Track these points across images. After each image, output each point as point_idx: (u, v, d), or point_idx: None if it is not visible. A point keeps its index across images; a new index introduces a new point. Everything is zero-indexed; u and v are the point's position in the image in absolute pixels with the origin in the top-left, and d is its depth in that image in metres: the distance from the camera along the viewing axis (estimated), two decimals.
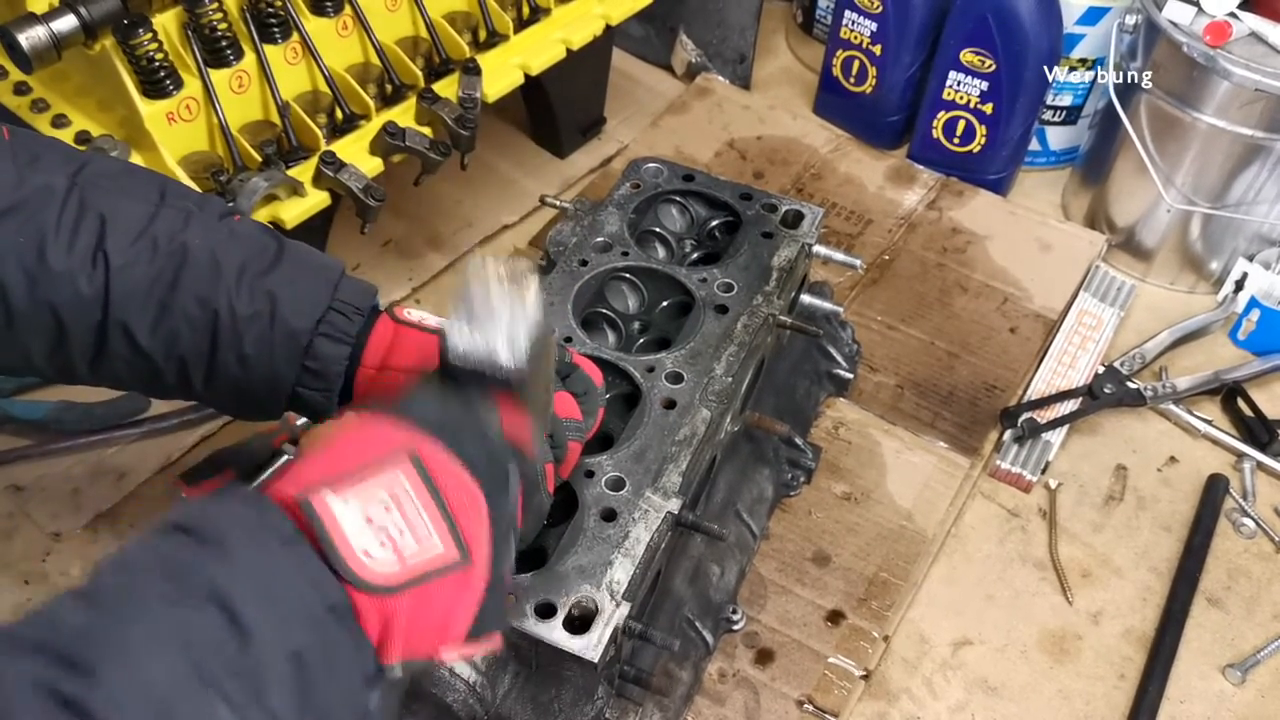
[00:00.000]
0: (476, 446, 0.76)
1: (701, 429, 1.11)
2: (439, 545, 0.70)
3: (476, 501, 0.73)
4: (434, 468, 0.71)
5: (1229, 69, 1.48)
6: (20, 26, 1.17)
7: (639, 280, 1.30)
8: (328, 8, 1.39)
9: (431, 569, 0.69)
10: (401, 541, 0.69)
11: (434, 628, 0.71)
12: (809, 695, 1.23)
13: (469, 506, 0.72)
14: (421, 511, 0.70)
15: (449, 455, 0.73)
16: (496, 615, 0.76)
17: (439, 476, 0.71)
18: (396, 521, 0.69)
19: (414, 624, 0.69)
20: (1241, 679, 1.29)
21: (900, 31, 1.77)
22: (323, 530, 0.66)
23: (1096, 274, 1.71)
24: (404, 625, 0.68)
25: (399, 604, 0.68)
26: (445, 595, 0.71)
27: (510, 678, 1.01)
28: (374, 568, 0.67)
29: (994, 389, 1.54)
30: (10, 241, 0.85)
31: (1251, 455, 1.49)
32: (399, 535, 0.69)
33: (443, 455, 0.72)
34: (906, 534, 1.38)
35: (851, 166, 1.86)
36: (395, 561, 0.68)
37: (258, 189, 1.26)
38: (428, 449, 0.72)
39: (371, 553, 0.67)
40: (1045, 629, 1.33)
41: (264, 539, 0.66)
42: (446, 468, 0.72)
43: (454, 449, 0.73)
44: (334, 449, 0.72)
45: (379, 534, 0.68)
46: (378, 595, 0.67)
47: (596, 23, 1.62)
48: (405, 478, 0.70)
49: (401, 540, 0.69)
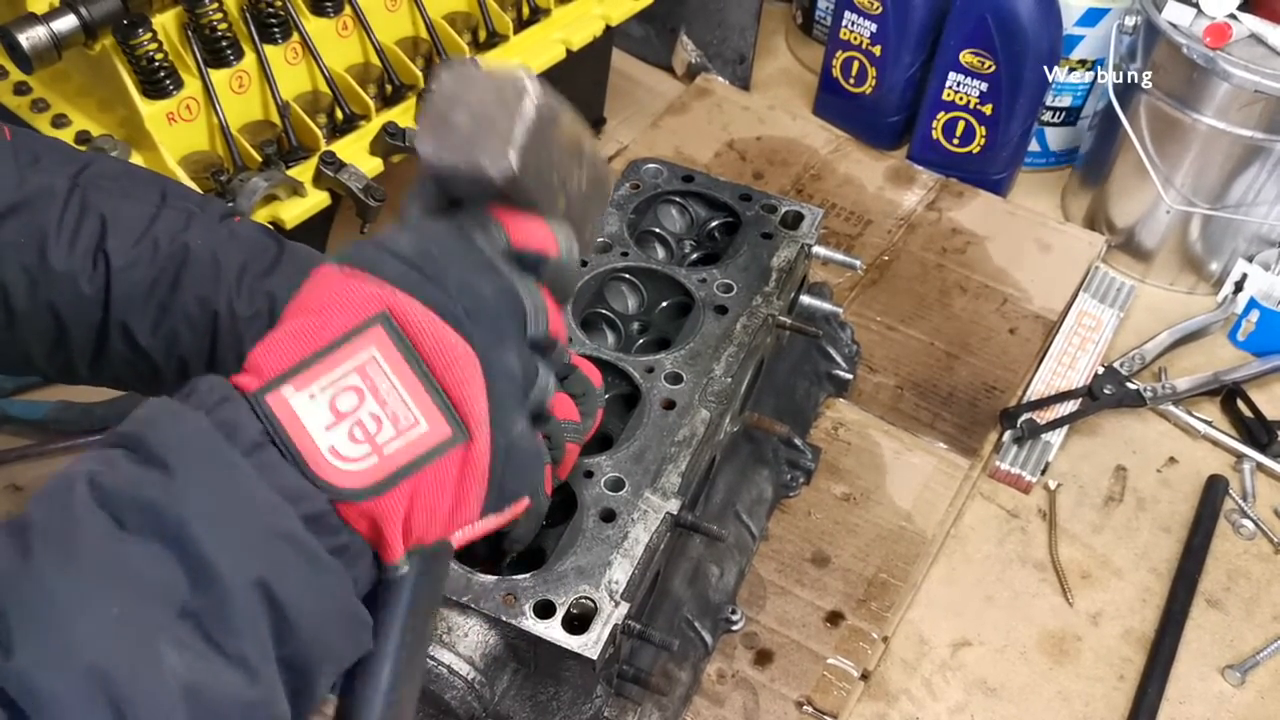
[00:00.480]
0: (467, 279, 0.65)
1: (701, 430, 1.11)
2: (423, 425, 0.61)
3: (465, 359, 0.63)
4: (410, 327, 0.62)
5: (1229, 70, 1.48)
6: (20, 26, 1.17)
7: (638, 281, 1.30)
8: (328, 8, 1.39)
9: (416, 455, 0.61)
10: (377, 431, 0.60)
11: (438, 516, 0.63)
12: (808, 696, 1.23)
13: (456, 366, 0.63)
14: (399, 387, 0.61)
15: (427, 308, 0.63)
16: (518, 478, 0.67)
17: (418, 337, 0.62)
18: (371, 408, 0.60)
19: (411, 518, 0.62)
20: (1241, 680, 1.29)
21: (900, 32, 1.77)
22: (283, 434, 0.59)
23: (1096, 275, 1.71)
24: (397, 522, 0.61)
25: (385, 503, 0.60)
26: (443, 479, 0.63)
27: (509, 676, 1.02)
28: (346, 468, 0.59)
29: (993, 390, 1.54)
30: (11, 242, 0.85)
31: (1251, 456, 1.49)
32: (373, 424, 0.60)
33: (419, 310, 0.62)
34: (906, 535, 1.38)
35: (851, 167, 1.86)
36: (370, 456, 0.60)
37: (258, 189, 1.26)
38: (402, 306, 0.62)
39: (342, 451, 0.59)
40: (1045, 630, 1.33)
41: (221, 451, 0.57)
42: (425, 324, 0.62)
43: (435, 293, 0.63)
44: (299, 319, 0.63)
45: (350, 426, 0.60)
46: (355, 501, 0.60)
47: (596, 23, 1.62)
48: (378, 349, 0.61)
49: (378, 430, 0.60)
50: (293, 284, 0.91)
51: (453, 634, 0.97)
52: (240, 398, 0.60)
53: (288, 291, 0.90)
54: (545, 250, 0.70)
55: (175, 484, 0.56)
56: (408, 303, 0.62)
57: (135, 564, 0.53)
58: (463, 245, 0.67)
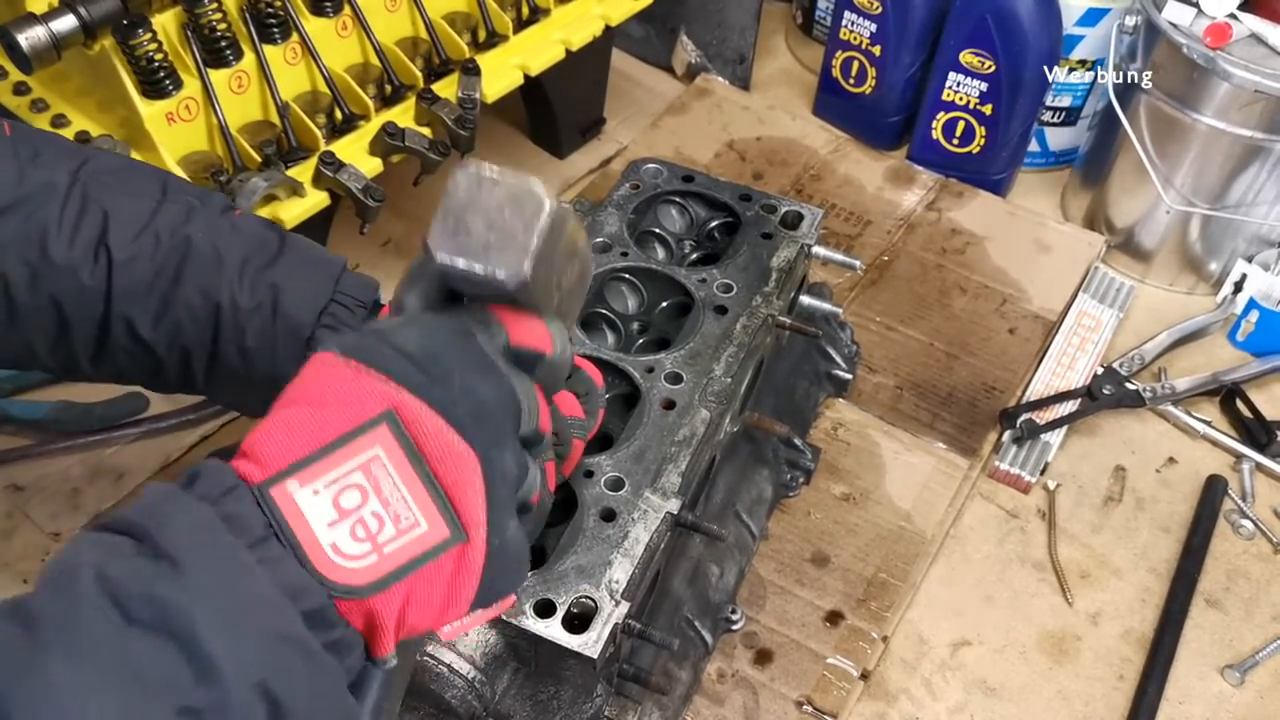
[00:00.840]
0: (471, 382, 0.66)
1: (701, 429, 1.12)
2: (423, 525, 0.62)
3: (467, 463, 0.64)
4: (416, 428, 0.63)
5: (1229, 70, 1.48)
6: (20, 27, 1.17)
7: (638, 281, 1.30)
8: (327, 8, 1.39)
9: (416, 555, 0.62)
10: (379, 530, 0.61)
11: (429, 612, 0.64)
12: (808, 696, 1.23)
13: (458, 469, 0.63)
14: (401, 487, 0.62)
15: (433, 410, 0.63)
16: (506, 578, 0.68)
17: (422, 439, 0.63)
18: (373, 506, 0.61)
19: (405, 614, 0.63)
20: (1240, 680, 1.29)
21: (900, 32, 1.78)
22: (286, 529, 0.60)
23: (1096, 275, 1.71)
24: (392, 618, 0.62)
25: (382, 600, 0.61)
26: (438, 578, 0.63)
27: (509, 675, 1.02)
28: (346, 565, 0.60)
29: (993, 390, 1.55)
30: (13, 236, 0.85)
31: (1250, 456, 1.49)
32: (375, 523, 0.61)
33: (425, 412, 0.63)
34: (905, 535, 1.38)
35: (851, 167, 1.86)
36: (371, 554, 0.61)
37: (257, 189, 1.26)
38: (408, 406, 0.63)
39: (343, 548, 0.60)
40: (1044, 630, 1.33)
41: (228, 546, 0.58)
42: (430, 427, 0.63)
43: (441, 395, 0.64)
44: (302, 409, 0.63)
45: (353, 524, 0.61)
46: (354, 598, 0.60)
47: (596, 23, 1.62)
48: (383, 449, 0.62)
49: (379, 529, 0.61)
50: (295, 276, 0.91)
51: None
52: (245, 489, 0.60)
53: (290, 283, 0.91)
54: (542, 349, 0.72)
55: (184, 579, 0.56)
56: (414, 404, 0.63)
57: (141, 658, 0.53)
58: (466, 345, 0.68)
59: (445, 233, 0.68)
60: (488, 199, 0.68)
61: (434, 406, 0.63)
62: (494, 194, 0.68)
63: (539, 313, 0.73)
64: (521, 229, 0.68)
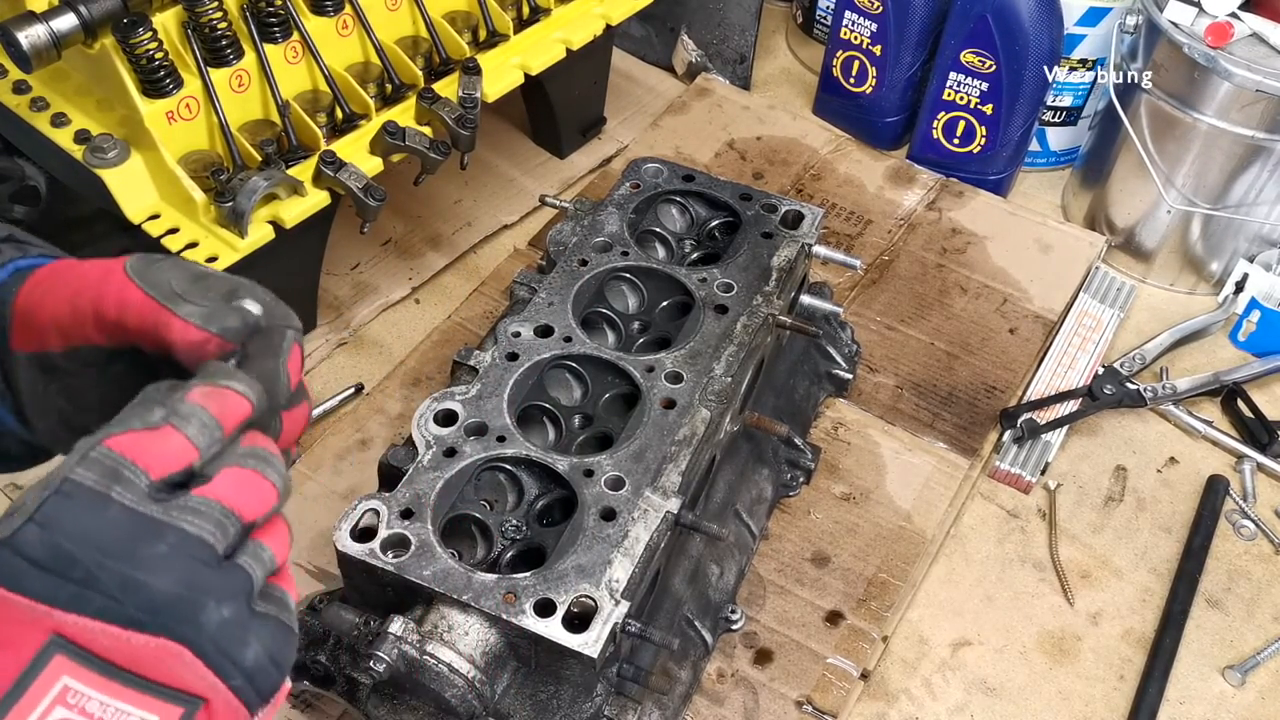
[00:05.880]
0: (123, 574, 0.57)
1: (701, 429, 1.11)
2: None
3: (164, 651, 0.57)
4: (93, 646, 0.55)
5: (1230, 70, 1.48)
6: (20, 25, 1.17)
7: (639, 280, 1.30)
8: (328, 7, 1.39)
9: None
10: None
11: None
12: (808, 696, 1.23)
13: (157, 660, 0.57)
14: (111, 701, 0.55)
15: (98, 621, 0.55)
16: (270, 683, 0.61)
17: (104, 653, 0.55)
18: None
19: None
20: (1241, 680, 1.29)
21: (900, 32, 1.77)
22: None
23: (1096, 275, 1.71)
24: None
25: None
26: None
27: (509, 675, 1.01)
28: None
29: (993, 390, 1.54)
30: None
31: (1251, 456, 1.48)
32: None
33: (90, 627, 0.55)
34: (905, 535, 1.38)
35: (851, 167, 1.86)
36: None
37: (257, 188, 1.26)
38: (69, 625, 0.55)
39: None
40: (1044, 630, 1.32)
41: None
42: (104, 641, 0.55)
43: (99, 602, 0.56)
44: None
45: None
46: None
47: (596, 23, 1.62)
48: (70, 677, 0.55)
49: None
50: None
51: (453, 632, 0.97)
52: None
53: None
54: (190, 458, 0.61)
55: None
56: (76, 622, 0.55)
57: None
58: (103, 522, 0.57)
59: None
60: None
61: (97, 619, 0.55)
62: None
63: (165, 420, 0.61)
64: None
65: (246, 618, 0.61)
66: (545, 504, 1.09)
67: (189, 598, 0.58)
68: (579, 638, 0.94)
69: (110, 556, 0.57)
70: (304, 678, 1.12)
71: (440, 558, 0.99)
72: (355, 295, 1.64)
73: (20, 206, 1.54)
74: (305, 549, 1.33)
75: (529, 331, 1.20)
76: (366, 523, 1.02)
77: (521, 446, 1.09)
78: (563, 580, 0.98)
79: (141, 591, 0.57)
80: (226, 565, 0.61)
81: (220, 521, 0.61)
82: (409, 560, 0.99)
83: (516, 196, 1.80)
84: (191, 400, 0.62)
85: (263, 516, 0.64)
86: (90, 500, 0.57)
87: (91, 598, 0.56)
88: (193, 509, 0.60)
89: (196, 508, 0.60)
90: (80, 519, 0.57)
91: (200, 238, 1.28)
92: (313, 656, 1.10)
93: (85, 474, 0.58)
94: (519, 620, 0.95)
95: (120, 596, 0.56)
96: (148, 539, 0.58)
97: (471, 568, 0.99)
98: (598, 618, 0.95)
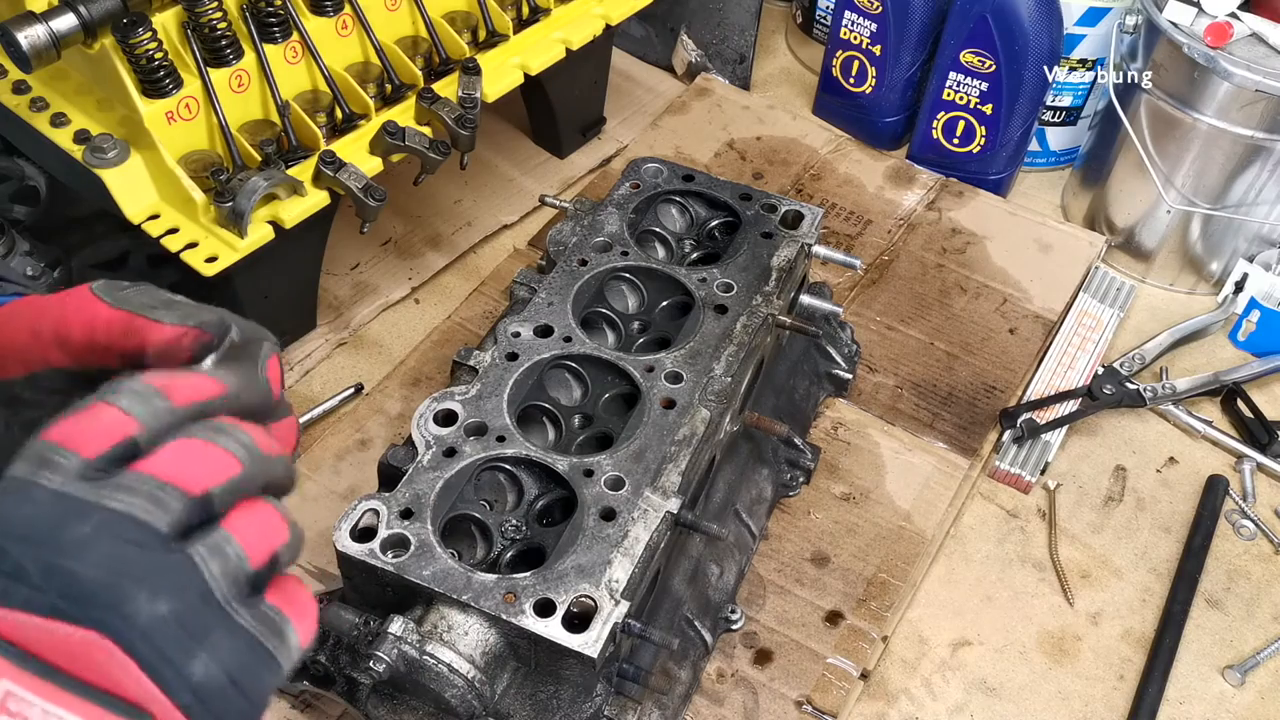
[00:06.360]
0: (45, 559, 0.53)
1: (701, 429, 1.11)
2: None
3: (95, 648, 0.52)
4: (25, 642, 0.52)
5: (1229, 70, 1.48)
6: (19, 25, 1.17)
7: (639, 280, 1.30)
8: (327, 7, 1.39)
9: None
10: None
11: None
12: (808, 696, 1.23)
13: (90, 657, 0.52)
14: (52, 708, 0.51)
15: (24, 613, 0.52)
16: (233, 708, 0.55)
17: (38, 650, 0.52)
18: None
19: None
20: (1241, 681, 1.29)
21: (900, 32, 1.77)
22: None
23: (1096, 275, 1.71)
24: None
25: None
26: None
27: (509, 675, 1.01)
28: None
29: (993, 390, 1.54)
30: None
31: (1251, 456, 1.49)
32: None
33: (18, 619, 0.52)
34: (905, 534, 1.38)
35: (851, 167, 1.86)
36: None
37: (257, 188, 1.26)
38: (3, 621, 0.52)
39: None
40: (1044, 630, 1.32)
41: None
42: (34, 633, 0.52)
43: (22, 593, 0.52)
44: None
45: None
46: None
47: (596, 23, 1.62)
48: (8, 680, 0.51)
49: None
50: None
51: (453, 632, 0.97)
52: None
53: None
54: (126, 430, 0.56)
55: None
56: (5, 618, 0.51)
57: None
58: (24, 511, 0.53)
59: None
60: None
61: (22, 610, 0.52)
62: None
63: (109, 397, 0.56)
64: None
65: (198, 620, 0.54)
66: (545, 504, 1.09)
67: (113, 584, 0.53)
68: (579, 638, 0.94)
69: (34, 543, 0.53)
70: (304, 678, 1.12)
71: (440, 558, 0.99)
72: (355, 295, 1.64)
73: (20, 206, 1.53)
74: (305, 549, 1.32)
75: (529, 331, 1.20)
76: (366, 523, 1.02)
77: (521, 446, 1.09)
78: (562, 580, 0.98)
79: (62, 577, 0.52)
80: (170, 551, 0.54)
81: (155, 496, 0.55)
82: (409, 560, 0.99)
83: (516, 196, 1.80)
84: (130, 378, 0.58)
85: (219, 489, 0.57)
86: (18, 490, 0.54)
87: (18, 590, 0.52)
88: (124, 485, 0.55)
89: (129, 484, 0.55)
90: (6, 509, 0.53)
91: (200, 238, 1.28)
92: (312, 656, 1.10)
93: (16, 468, 0.54)
94: (519, 620, 0.95)
95: (43, 584, 0.52)
96: (73, 521, 0.53)
97: (471, 568, 0.99)
98: (598, 618, 0.95)
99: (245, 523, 0.58)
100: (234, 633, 0.55)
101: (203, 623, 0.54)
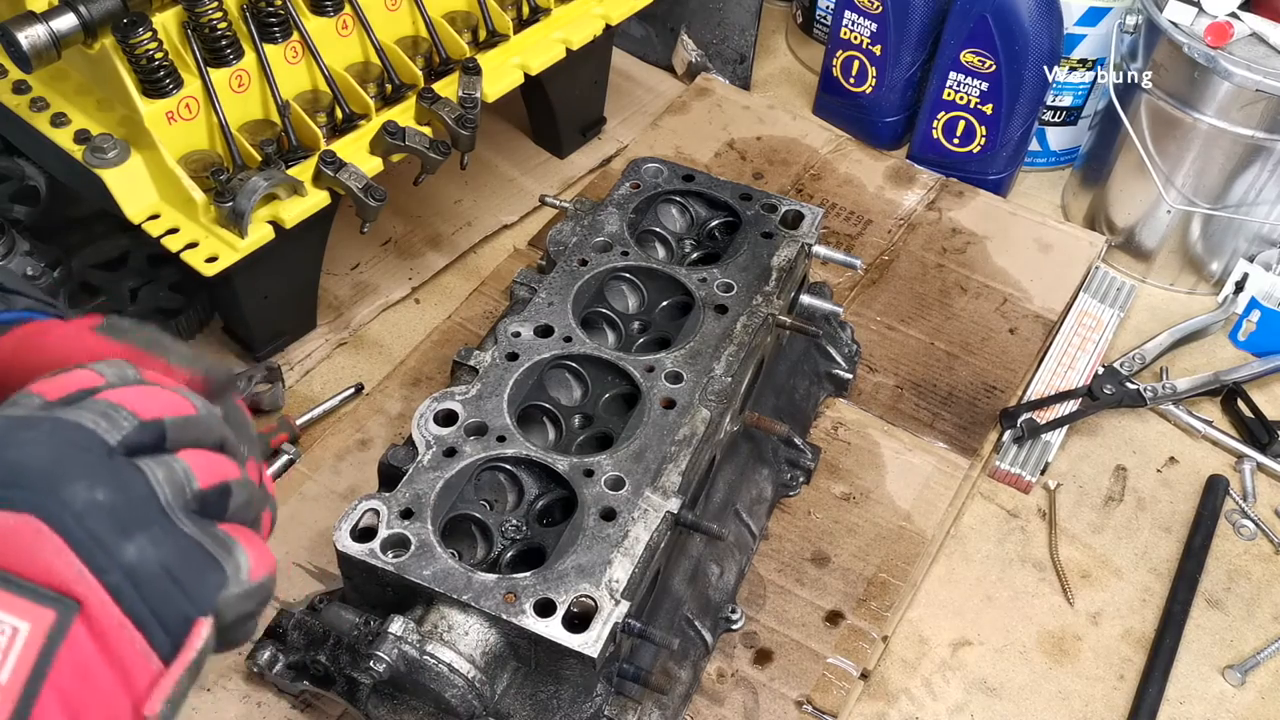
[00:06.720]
0: None
1: (701, 429, 1.11)
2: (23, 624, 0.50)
3: (24, 532, 0.52)
4: None
5: (1230, 70, 1.48)
6: (19, 25, 1.17)
7: (639, 280, 1.30)
8: (328, 7, 1.39)
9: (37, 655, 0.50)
10: None
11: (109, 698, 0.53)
12: (808, 695, 1.23)
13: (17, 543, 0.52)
14: None
15: None
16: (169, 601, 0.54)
17: None
18: None
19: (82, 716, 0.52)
20: (1241, 680, 1.29)
21: (900, 32, 1.77)
22: None
23: (1096, 275, 1.71)
24: None
25: None
26: (82, 659, 0.52)
27: (509, 674, 1.01)
28: None
29: (993, 389, 1.54)
30: None
31: (1251, 456, 1.49)
32: None
33: None
34: (906, 534, 1.38)
35: (851, 167, 1.86)
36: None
37: (257, 188, 1.26)
38: None
39: None
40: (1044, 630, 1.32)
41: None
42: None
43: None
44: None
45: None
46: None
47: (596, 23, 1.62)
48: None
49: None
50: None
51: (453, 632, 0.97)
52: None
53: None
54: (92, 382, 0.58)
55: None
56: None
57: None
58: None
59: None
60: None
61: None
62: None
63: None
64: None
65: (136, 513, 0.54)
66: (545, 504, 1.09)
67: (52, 471, 0.53)
68: (579, 638, 0.94)
69: None
70: (304, 678, 1.12)
71: (440, 558, 0.99)
72: (355, 295, 1.64)
73: (20, 206, 1.54)
74: (305, 549, 1.32)
75: (529, 331, 1.20)
76: (366, 523, 1.02)
77: (521, 446, 1.09)
78: (563, 580, 0.98)
79: (3, 468, 0.52)
80: (117, 459, 0.55)
81: (106, 413, 0.56)
82: (409, 560, 0.99)
83: (516, 196, 1.80)
84: None
85: (172, 421, 0.58)
86: None
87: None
88: (77, 404, 0.56)
89: (83, 403, 0.56)
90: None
91: (200, 238, 1.28)
92: (313, 656, 1.10)
93: None
94: (519, 620, 0.95)
95: None
96: (25, 427, 0.54)
97: (471, 568, 0.99)
98: (598, 618, 0.95)
99: (195, 455, 0.58)
100: (172, 532, 0.55)
101: (142, 515, 0.54)
